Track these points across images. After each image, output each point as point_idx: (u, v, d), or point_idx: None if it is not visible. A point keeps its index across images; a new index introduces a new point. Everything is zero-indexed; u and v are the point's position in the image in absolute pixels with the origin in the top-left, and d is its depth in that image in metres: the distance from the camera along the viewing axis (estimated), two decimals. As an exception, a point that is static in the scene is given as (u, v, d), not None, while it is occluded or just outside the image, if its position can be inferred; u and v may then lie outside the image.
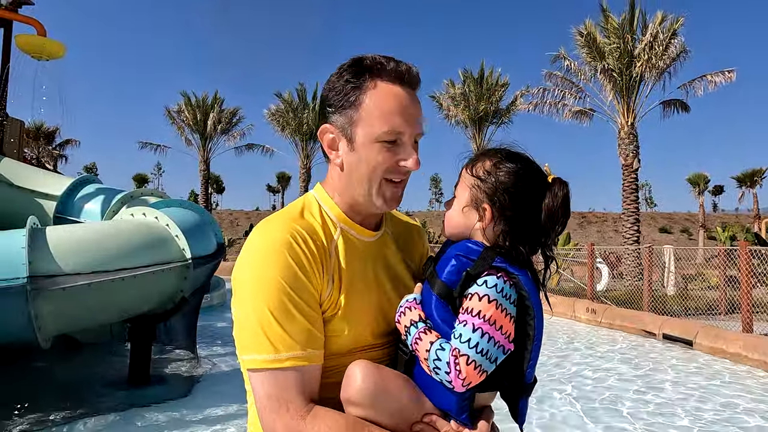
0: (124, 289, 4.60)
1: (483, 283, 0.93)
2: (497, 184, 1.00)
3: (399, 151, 1.02)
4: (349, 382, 0.95)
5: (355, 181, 1.04)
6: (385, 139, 1.00)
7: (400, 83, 1.02)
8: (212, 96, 31.37)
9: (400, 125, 1.00)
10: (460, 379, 0.91)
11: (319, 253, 1.00)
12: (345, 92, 1.02)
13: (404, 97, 1.02)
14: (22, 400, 4.90)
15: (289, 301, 0.94)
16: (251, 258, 0.99)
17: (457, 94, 26.03)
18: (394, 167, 1.02)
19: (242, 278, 0.99)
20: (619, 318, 9.99)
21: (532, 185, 1.00)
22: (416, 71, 1.04)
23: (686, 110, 19.06)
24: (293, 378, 0.93)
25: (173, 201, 5.87)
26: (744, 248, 8.56)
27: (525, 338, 0.97)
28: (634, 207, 17.76)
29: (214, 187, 56.87)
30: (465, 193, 1.04)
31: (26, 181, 6.53)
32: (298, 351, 0.93)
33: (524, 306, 0.96)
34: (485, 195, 1.01)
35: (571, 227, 44.26)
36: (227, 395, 5.27)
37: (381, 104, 1.00)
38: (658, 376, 6.49)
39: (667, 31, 17.05)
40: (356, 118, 1.01)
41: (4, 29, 9.11)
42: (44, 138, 37.19)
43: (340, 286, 1.02)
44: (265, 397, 0.94)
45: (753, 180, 45.83)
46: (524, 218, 0.99)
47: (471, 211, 1.03)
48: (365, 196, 1.04)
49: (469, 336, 0.91)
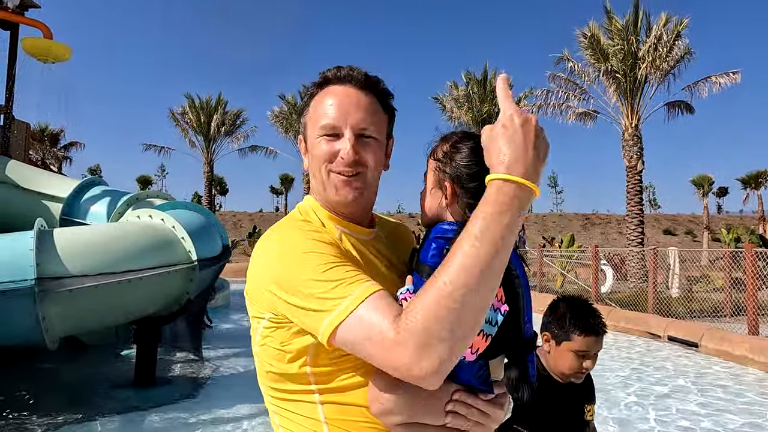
0: (130, 291, 4.62)
1: None
2: (453, 160, 1.06)
3: (338, 143, 1.06)
4: (375, 398, 0.96)
5: (315, 179, 1.11)
6: (324, 133, 1.06)
7: (340, 83, 1.08)
8: (216, 98, 31.50)
9: (333, 117, 1.06)
10: (467, 348, 0.93)
11: (334, 244, 1.03)
12: (304, 103, 1.13)
13: (342, 92, 1.07)
14: (29, 400, 4.93)
15: (332, 262, 0.93)
16: (276, 255, 0.99)
17: (461, 95, 26.05)
18: (334, 156, 1.05)
19: (275, 275, 0.97)
20: (623, 320, 9.96)
21: (483, 157, 1.03)
22: (361, 72, 1.10)
23: (691, 111, 19.02)
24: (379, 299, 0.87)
25: (179, 203, 5.89)
26: (749, 250, 8.53)
27: (515, 296, 1.01)
28: (638, 209, 17.72)
29: (218, 188, 56.94)
30: (430, 178, 1.11)
31: (33, 184, 6.57)
32: (367, 282, 0.90)
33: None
34: (444, 174, 1.07)
35: (574, 229, 44.14)
36: (233, 396, 5.28)
37: (320, 105, 1.08)
38: (665, 378, 6.46)
39: (672, 32, 17.01)
40: (307, 120, 1.11)
41: (11, 32, 9.17)
42: (49, 140, 37.37)
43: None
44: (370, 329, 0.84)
45: (758, 181, 45.63)
46: (482, 190, 1.00)
47: (437, 192, 1.08)
48: (322, 190, 1.10)
49: None
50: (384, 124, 1.12)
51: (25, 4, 9.15)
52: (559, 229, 45.09)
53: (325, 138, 1.06)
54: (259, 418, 4.71)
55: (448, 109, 26.43)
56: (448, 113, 26.49)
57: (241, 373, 6.45)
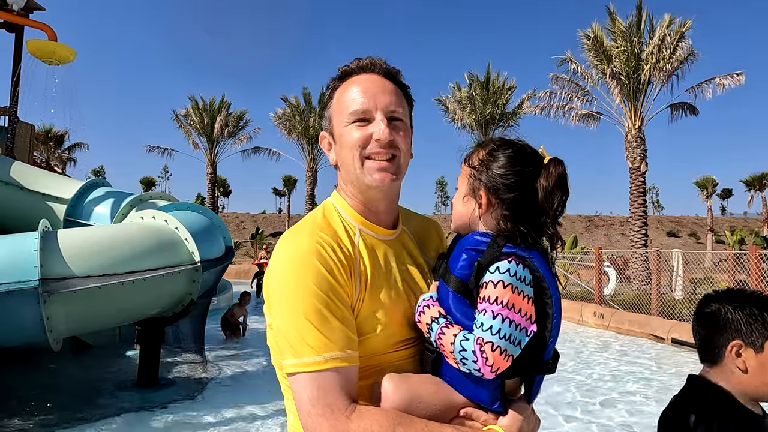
0: (133, 292, 4.63)
1: (495, 269, 0.95)
2: (490, 169, 1.03)
3: (370, 127, 1.06)
4: (383, 398, 0.97)
5: (345, 169, 1.10)
6: (354, 119, 1.06)
7: (363, 72, 1.10)
8: (219, 100, 31.58)
9: (362, 102, 1.06)
10: (488, 366, 0.92)
11: (346, 258, 1.03)
12: (325, 98, 1.15)
13: (366, 79, 1.09)
14: (32, 401, 4.94)
15: (323, 306, 0.96)
16: (282, 268, 1.01)
17: (464, 97, 26.02)
18: (367, 141, 1.05)
19: (275, 288, 1.01)
20: (627, 322, 9.92)
21: (525, 167, 1.02)
22: (382, 61, 1.11)
23: (694, 113, 18.96)
24: (335, 379, 0.94)
25: (182, 204, 5.90)
26: (754, 252, 8.50)
27: (544, 317, 0.98)
28: (641, 210, 17.66)
29: (221, 190, 57.04)
30: (464, 184, 1.08)
31: (37, 185, 6.60)
32: (337, 352, 0.95)
33: (539, 286, 0.98)
34: (480, 182, 1.04)
35: (577, 231, 44.04)
36: (235, 398, 5.29)
37: (346, 93, 1.08)
38: (669, 382, 6.44)
39: (675, 34, 16.98)
40: (331, 113, 1.11)
41: (16, 34, 9.22)
42: (54, 141, 37.51)
43: (368, 286, 1.04)
44: (308, 402, 0.93)
45: (762, 183, 45.38)
46: (521, 200, 1.01)
47: (470, 200, 1.06)
48: (355, 180, 1.08)
49: (491, 323, 0.92)
50: (408, 110, 1.14)
51: (30, 7, 9.19)
52: (563, 230, 44.77)
53: (356, 125, 1.06)
54: (262, 419, 4.72)
55: (451, 110, 26.41)
56: (451, 115, 26.47)
57: (244, 375, 6.46)
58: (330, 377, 0.94)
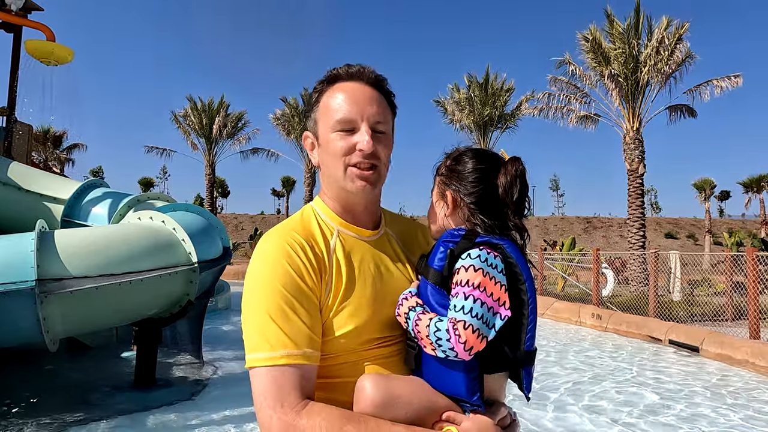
0: (131, 293, 4.63)
1: (466, 256, 1.00)
2: (453, 172, 1.13)
3: (355, 137, 1.09)
4: (359, 396, 0.98)
5: (328, 173, 1.13)
6: (339, 128, 1.09)
7: (351, 80, 1.12)
8: (218, 100, 31.56)
9: (349, 111, 1.09)
10: (461, 344, 0.94)
11: (317, 260, 1.07)
12: (312, 100, 1.16)
13: (355, 88, 1.11)
14: (29, 402, 4.93)
15: (286, 305, 1.00)
16: (255, 266, 1.07)
17: (462, 98, 26.05)
18: (351, 150, 1.09)
19: (247, 285, 1.06)
20: (624, 324, 9.94)
21: (484, 166, 1.11)
22: (371, 69, 1.14)
23: (693, 115, 19.00)
24: (289, 375, 0.96)
25: (180, 205, 5.90)
26: (751, 254, 8.52)
27: (520, 304, 1.01)
28: (639, 212, 17.69)
29: (219, 191, 56.98)
30: (435, 190, 1.17)
31: (34, 185, 6.59)
32: (294, 349, 0.97)
33: (513, 273, 1.02)
34: (446, 185, 1.13)
35: (576, 232, 44.10)
36: (232, 399, 5.29)
37: (334, 98, 1.11)
38: (666, 383, 6.45)
39: (673, 36, 17.02)
40: (317, 116, 1.14)
41: (14, 34, 9.21)
42: (52, 142, 37.45)
43: (342, 285, 1.07)
44: (261, 395, 0.96)
45: (760, 185, 45.44)
46: (484, 195, 1.09)
47: (440, 202, 1.14)
48: (337, 184, 1.12)
49: (463, 303, 0.96)
50: (391, 121, 1.17)
51: (29, 7, 9.19)
52: (561, 232, 45.06)
53: (340, 133, 1.09)
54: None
55: (449, 111, 26.44)
56: (449, 116, 26.49)
57: (241, 376, 6.44)
58: (285, 372, 0.96)
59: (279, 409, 0.94)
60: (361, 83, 1.12)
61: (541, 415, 5.10)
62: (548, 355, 7.90)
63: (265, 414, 0.95)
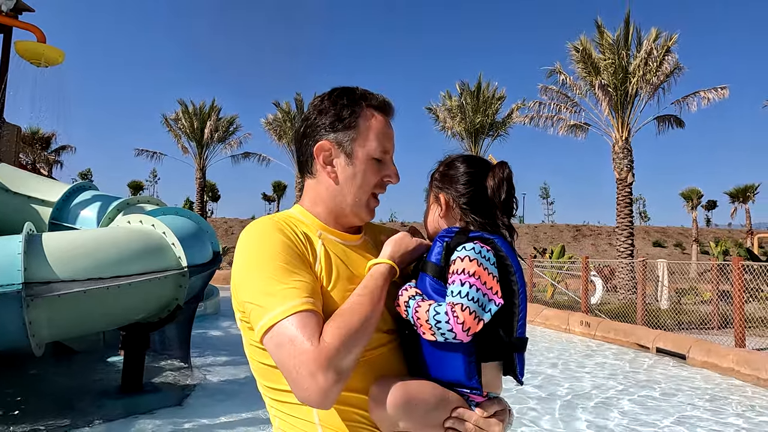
0: (119, 297, 4.58)
1: (462, 248, 1.08)
2: (446, 176, 1.22)
3: (383, 168, 1.18)
4: (376, 404, 1.01)
5: (347, 192, 1.16)
6: (377, 156, 1.16)
7: (385, 113, 1.21)
8: (209, 104, 31.47)
9: (387, 145, 1.19)
10: (459, 325, 1.00)
11: (306, 239, 1.10)
12: (345, 115, 1.16)
13: (387, 123, 1.21)
14: (14, 407, 4.86)
15: (287, 264, 1.01)
16: (247, 245, 1.07)
17: (454, 106, 26.19)
18: (380, 182, 1.19)
19: (242, 264, 1.05)
20: (613, 331, 10.01)
21: (473, 169, 1.20)
22: (393, 104, 1.24)
23: (680, 125, 19.27)
24: (306, 319, 0.95)
25: (170, 209, 5.87)
26: (737, 263, 8.63)
27: (511, 294, 1.08)
28: (628, 221, 17.86)
29: (210, 194, 56.67)
30: (430, 195, 1.25)
31: (22, 187, 6.51)
32: (304, 297, 0.98)
33: (504, 265, 1.10)
34: (439, 188, 1.22)
35: (565, 240, 44.36)
36: (221, 405, 5.25)
37: (375, 127, 1.17)
38: (653, 391, 6.50)
39: (661, 47, 17.28)
40: (356, 136, 1.16)
41: (4, 35, 9.15)
42: (40, 143, 37.05)
43: (329, 276, 1.08)
44: (287, 355, 0.94)
45: (746, 195, 46.11)
46: (474, 196, 1.18)
47: (435, 205, 1.23)
48: (353, 206, 1.17)
49: (459, 289, 1.02)
50: None
51: (19, 8, 9.14)
52: (551, 239, 45.31)
53: (375, 162, 1.17)
54: (246, 427, 4.68)
55: (441, 119, 26.56)
56: (441, 123, 26.62)
57: (230, 381, 6.40)
58: (303, 317, 0.95)
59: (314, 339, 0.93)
60: (389, 118, 1.22)
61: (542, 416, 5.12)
62: (540, 363, 7.94)
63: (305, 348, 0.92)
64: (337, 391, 0.93)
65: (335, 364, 0.92)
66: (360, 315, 0.99)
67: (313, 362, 0.91)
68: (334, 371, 0.91)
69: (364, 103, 1.17)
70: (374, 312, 1.02)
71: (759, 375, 6.74)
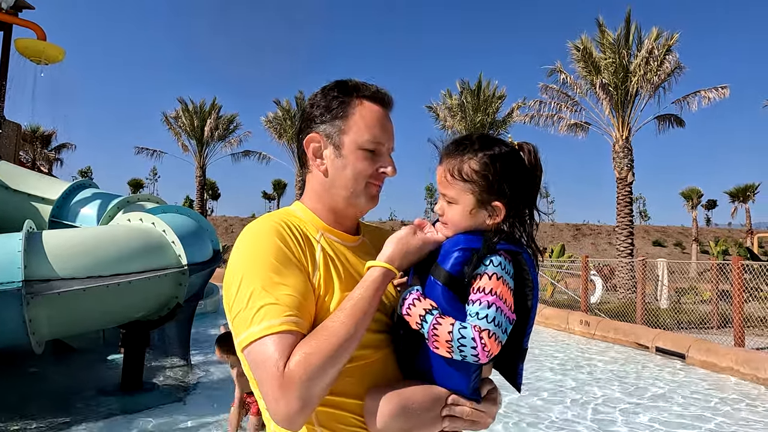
0: (119, 295, 4.59)
1: (489, 262, 1.03)
2: (496, 179, 1.06)
3: (378, 159, 1.14)
4: (371, 412, 1.01)
5: (339, 184, 1.14)
6: (368, 147, 1.13)
7: (380, 103, 1.16)
8: (210, 102, 31.46)
9: (381, 137, 1.14)
10: (485, 352, 0.99)
11: (306, 243, 1.08)
12: (334, 106, 1.14)
13: (383, 114, 1.16)
14: (13, 405, 4.87)
15: (276, 274, 0.99)
16: (241, 249, 1.05)
17: (454, 104, 26.18)
18: (375, 173, 1.14)
19: (233, 268, 1.03)
20: (612, 330, 10.01)
21: (514, 161, 1.09)
22: (391, 96, 1.20)
23: (681, 125, 19.26)
24: (283, 340, 0.94)
25: (170, 207, 5.87)
26: (736, 263, 8.63)
27: (525, 310, 1.08)
28: (628, 220, 17.86)
29: (210, 193, 56.69)
30: (465, 197, 1.07)
31: (22, 185, 6.52)
32: (285, 316, 0.96)
33: (524, 279, 1.07)
34: (489, 195, 1.07)
35: (565, 239, 44.36)
36: (219, 402, 5.24)
37: (366, 117, 1.13)
38: (652, 390, 6.50)
39: (662, 47, 17.27)
40: (344, 127, 1.13)
41: (4, 33, 9.14)
42: (40, 141, 37.04)
43: (329, 279, 1.07)
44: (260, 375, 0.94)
45: (746, 195, 46.14)
46: (520, 191, 1.08)
47: (479, 212, 1.08)
48: (347, 198, 1.14)
49: (486, 312, 1.00)
50: None
51: (19, 6, 9.12)
52: (551, 239, 45.31)
53: (366, 152, 1.13)
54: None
55: (441, 117, 26.55)
56: (442, 122, 26.60)
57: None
58: (285, 337, 0.95)
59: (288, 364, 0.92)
60: (386, 110, 1.17)
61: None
62: (541, 365, 7.95)
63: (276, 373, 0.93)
64: (303, 416, 0.92)
65: (299, 393, 0.91)
66: (339, 337, 0.96)
67: (278, 389, 0.91)
68: (298, 399, 0.91)
69: (355, 93, 1.15)
70: (358, 328, 0.99)
71: (758, 374, 6.75)
